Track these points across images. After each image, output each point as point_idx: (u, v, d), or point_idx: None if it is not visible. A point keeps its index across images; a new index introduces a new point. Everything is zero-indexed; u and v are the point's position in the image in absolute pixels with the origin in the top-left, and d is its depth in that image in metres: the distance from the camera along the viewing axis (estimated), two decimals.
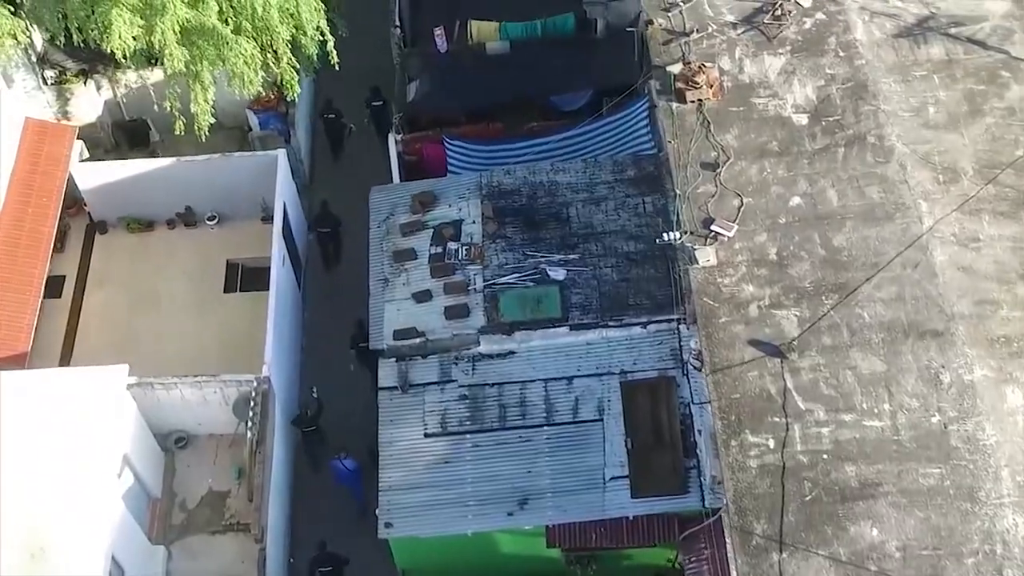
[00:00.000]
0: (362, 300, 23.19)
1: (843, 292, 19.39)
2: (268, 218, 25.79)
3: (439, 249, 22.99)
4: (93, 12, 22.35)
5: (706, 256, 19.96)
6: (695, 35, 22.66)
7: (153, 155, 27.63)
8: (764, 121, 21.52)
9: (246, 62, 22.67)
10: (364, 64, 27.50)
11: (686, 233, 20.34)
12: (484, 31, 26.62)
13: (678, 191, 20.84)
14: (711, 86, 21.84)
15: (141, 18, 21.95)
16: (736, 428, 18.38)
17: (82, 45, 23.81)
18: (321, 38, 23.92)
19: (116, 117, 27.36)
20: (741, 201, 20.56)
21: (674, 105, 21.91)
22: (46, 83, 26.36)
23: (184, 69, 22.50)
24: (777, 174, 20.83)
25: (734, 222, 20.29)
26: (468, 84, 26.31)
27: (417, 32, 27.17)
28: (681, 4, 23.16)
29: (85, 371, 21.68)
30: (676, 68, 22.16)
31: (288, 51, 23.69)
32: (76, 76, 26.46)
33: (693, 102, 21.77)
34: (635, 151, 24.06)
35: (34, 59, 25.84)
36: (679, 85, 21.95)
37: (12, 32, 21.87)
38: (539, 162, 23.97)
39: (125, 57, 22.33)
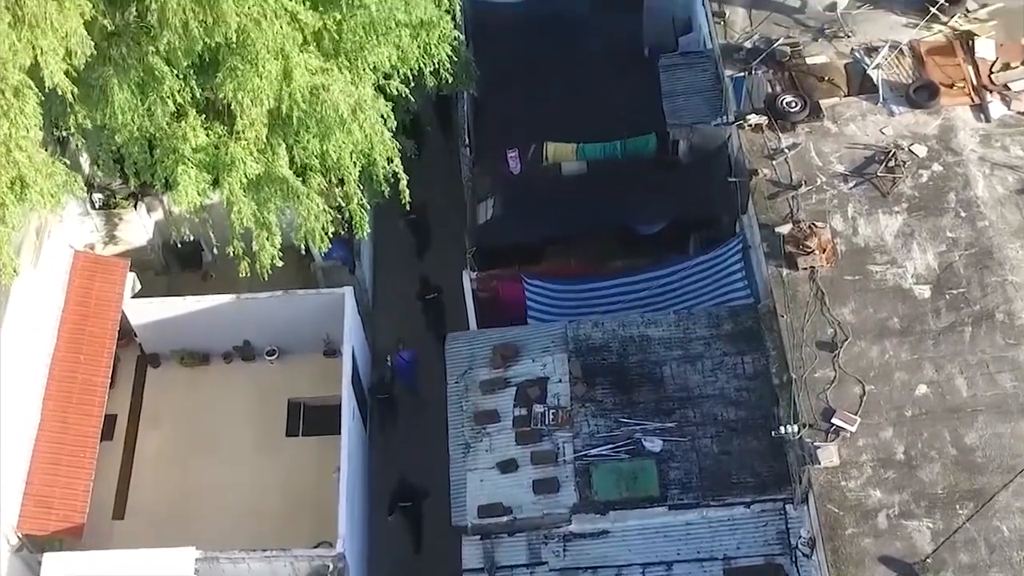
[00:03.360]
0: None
1: (979, 500, 17.93)
2: (331, 352, 24.40)
3: (524, 411, 21.48)
4: (154, 161, 20.82)
5: (829, 456, 18.47)
6: (803, 188, 21.05)
7: (206, 277, 26.21)
8: (883, 293, 19.97)
9: (316, 216, 21.08)
10: None
11: (805, 427, 18.83)
12: (560, 152, 25.04)
13: (794, 375, 19.31)
14: (824, 250, 20.28)
15: (208, 173, 20.38)
16: None
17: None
18: (393, 175, 22.26)
19: (167, 238, 25.76)
20: (863, 389, 19.05)
21: (784, 272, 20.33)
22: (94, 207, 24.78)
23: (252, 225, 20.93)
24: (900, 357, 19.30)
25: (856, 414, 18.79)
26: (543, 206, 24.74)
27: (488, 152, 25.55)
28: (786, 151, 21.51)
29: (150, 555, 20.25)
30: (785, 229, 20.57)
31: (359, 191, 22.12)
32: (125, 199, 24.88)
33: (805, 269, 20.19)
34: (728, 295, 22.62)
35: (82, 183, 24.17)
36: (789, 248, 20.38)
37: (69, 187, 20.24)
38: (629, 313, 22.41)
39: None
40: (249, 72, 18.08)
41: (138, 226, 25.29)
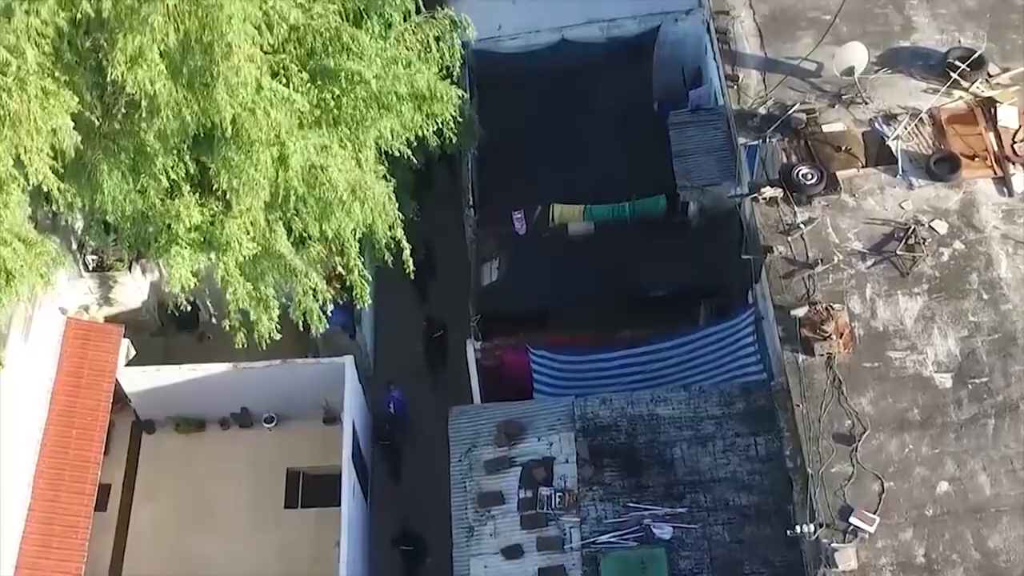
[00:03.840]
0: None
1: None
2: (330, 419, 23.77)
3: (529, 494, 20.77)
4: (147, 235, 20.10)
5: (847, 559, 17.78)
6: (820, 267, 20.29)
7: (203, 338, 25.51)
8: (902, 382, 19.23)
9: (314, 294, 20.35)
10: None
11: (822, 526, 18.12)
12: (567, 213, 24.32)
13: (811, 470, 18.59)
14: (841, 335, 19.54)
15: (202, 253, 19.67)
16: None
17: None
18: (395, 242, 21.53)
19: (163, 298, 25.03)
20: (882, 486, 18.34)
21: (800, 358, 19.59)
22: (87, 269, 24.05)
23: (247, 305, 20.24)
24: (920, 451, 18.59)
25: (875, 513, 18.08)
26: (549, 268, 24.04)
27: (492, 212, 24.81)
28: (802, 227, 20.75)
29: None
30: (801, 312, 19.82)
31: (359, 262, 21.39)
32: (119, 261, 24.14)
33: (822, 356, 19.46)
34: (740, 370, 21.89)
35: (74, 246, 23.51)
36: (805, 333, 19.65)
37: (59, 263, 19.56)
38: (638, 391, 21.65)
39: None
40: (244, 163, 17.33)
41: (133, 287, 24.57)
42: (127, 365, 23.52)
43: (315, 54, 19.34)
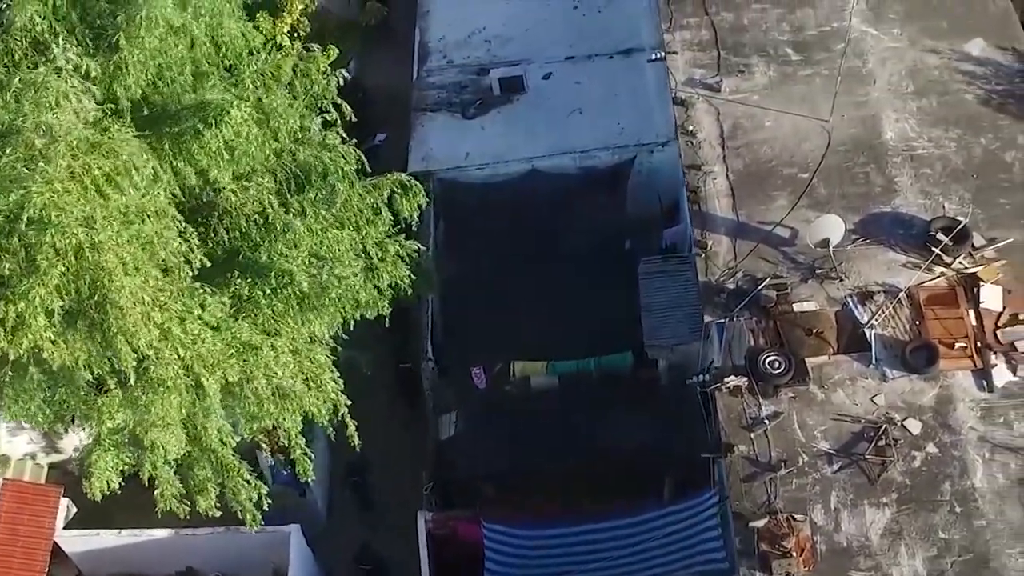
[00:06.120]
0: None
1: None
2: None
3: None
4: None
5: None
6: (783, 471, 19.10)
7: (152, 483, 24.48)
8: None
9: (248, 496, 19.33)
10: None
11: None
12: (529, 369, 23.20)
13: None
14: (802, 551, 18.37)
15: (127, 452, 18.69)
16: None
17: None
18: (339, 418, 20.47)
19: None
20: None
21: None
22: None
23: (175, 499, 19.29)
24: None
25: None
26: (508, 425, 22.98)
27: (452, 362, 23.72)
28: (767, 423, 19.53)
29: None
30: (760, 523, 18.66)
31: (300, 441, 20.32)
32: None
33: (779, 575, 18.31)
34: (703, 554, 20.71)
35: None
36: (763, 547, 18.49)
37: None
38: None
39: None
40: (152, 403, 16.27)
41: (76, 436, 23.64)
42: (67, 526, 22.68)
43: (248, 238, 18.33)
